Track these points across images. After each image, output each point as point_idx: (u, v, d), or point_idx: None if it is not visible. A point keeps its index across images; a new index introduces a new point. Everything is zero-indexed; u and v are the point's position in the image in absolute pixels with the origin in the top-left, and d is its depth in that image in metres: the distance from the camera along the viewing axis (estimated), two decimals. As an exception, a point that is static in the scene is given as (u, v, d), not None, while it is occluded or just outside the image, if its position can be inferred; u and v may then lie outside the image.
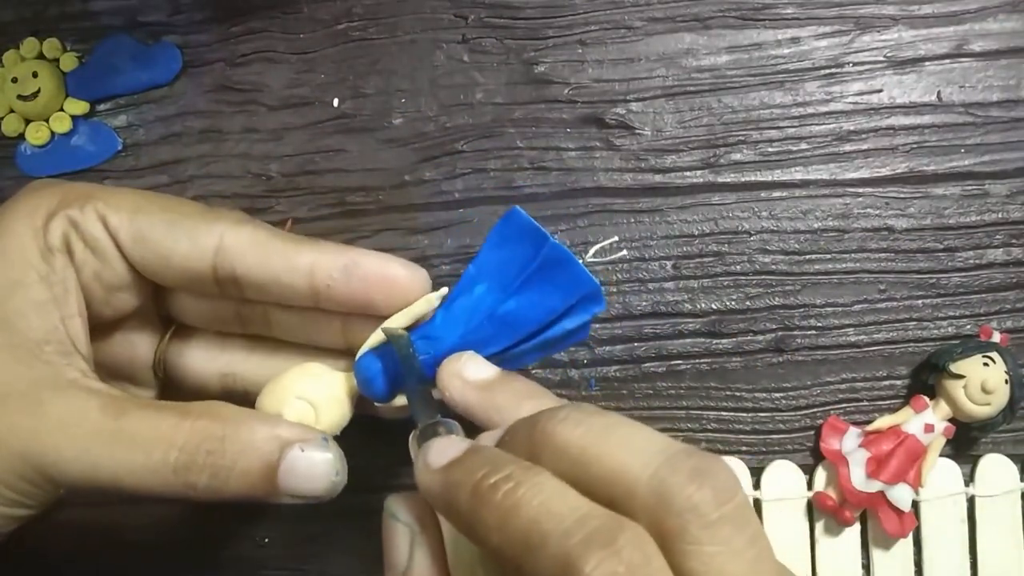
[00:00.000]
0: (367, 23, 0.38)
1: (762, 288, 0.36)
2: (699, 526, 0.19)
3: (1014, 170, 0.36)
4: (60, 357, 0.26)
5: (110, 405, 0.25)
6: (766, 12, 0.37)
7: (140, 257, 0.27)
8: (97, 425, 0.25)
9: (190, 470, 0.25)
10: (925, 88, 0.37)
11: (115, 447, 0.24)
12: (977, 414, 0.34)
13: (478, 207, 0.37)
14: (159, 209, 0.28)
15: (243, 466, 0.25)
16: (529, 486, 0.20)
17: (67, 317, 0.26)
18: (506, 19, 0.37)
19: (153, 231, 0.27)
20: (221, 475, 0.25)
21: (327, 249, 0.27)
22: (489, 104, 0.37)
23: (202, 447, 0.25)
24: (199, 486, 0.25)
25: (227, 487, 0.25)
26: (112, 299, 0.28)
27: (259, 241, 0.27)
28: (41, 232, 0.26)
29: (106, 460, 0.24)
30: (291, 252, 0.27)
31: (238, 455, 0.25)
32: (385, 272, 0.27)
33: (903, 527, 0.34)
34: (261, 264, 0.27)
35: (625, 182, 0.37)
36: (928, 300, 0.36)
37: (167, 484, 0.25)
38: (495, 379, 0.26)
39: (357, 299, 0.27)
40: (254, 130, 0.38)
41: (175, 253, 0.27)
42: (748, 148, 0.37)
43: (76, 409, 0.25)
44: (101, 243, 0.27)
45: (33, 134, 0.38)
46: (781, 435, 0.36)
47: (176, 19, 0.38)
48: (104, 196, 0.27)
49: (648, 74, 0.37)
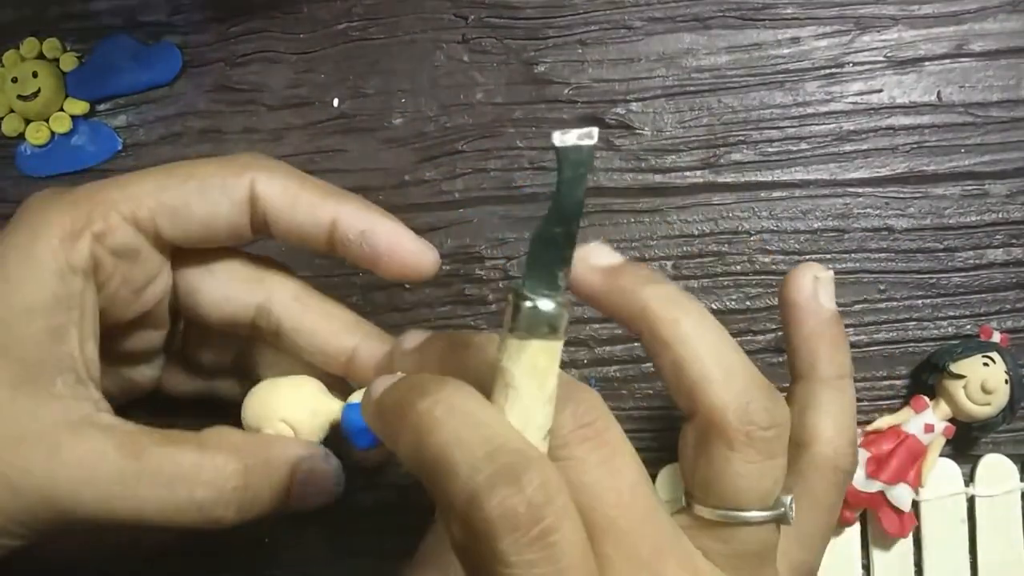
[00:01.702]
0: (367, 23, 0.38)
1: (762, 288, 0.36)
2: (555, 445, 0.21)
3: (1014, 170, 0.36)
4: (72, 390, 0.25)
5: (127, 444, 0.25)
6: (766, 12, 0.37)
7: (182, 231, 0.27)
8: (117, 466, 0.25)
9: (216, 505, 0.25)
10: (925, 88, 0.37)
11: (138, 488, 0.25)
12: (977, 414, 0.34)
13: (478, 207, 0.37)
14: (182, 178, 0.27)
15: (264, 495, 0.26)
16: (445, 407, 0.20)
17: (83, 340, 0.26)
18: (506, 19, 0.37)
19: (188, 201, 0.27)
20: (246, 506, 0.26)
21: (350, 208, 0.28)
22: (489, 104, 0.37)
23: (228, 484, 0.25)
24: (227, 519, 0.26)
25: (250, 515, 0.26)
26: (138, 299, 0.28)
27: (289, 190, 0.28)
28: (61, 252, 0.25)
29: (128, 500, 0.25)
30: (317, 205, 0.28)
31: (259, 485, 0.26)
32: (396, 245, 0.28)
33: (903, 527, 0.34)
34: (288, 214, 0.28)
35: (625, 182, 0.37)
36: (928, 300, 0.36)
37: (192, 519, 0.25)
38: (619, 265, 0.26)
39: (368, 262, 0.28)
40: (254, 130, 0.38)
41: (217, 215, 0.27)
42: (748, 148, 0.37)
43: (93, 451, 0.25)
44: (132, 245, 0.27)
45: (33, 134, 0.38)
46: (781, 435, 0.36)
47: (176, 19, 0.38)
48: (124, 195, 0.26)
49: (648, 74, 0.37)
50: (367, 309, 0.36)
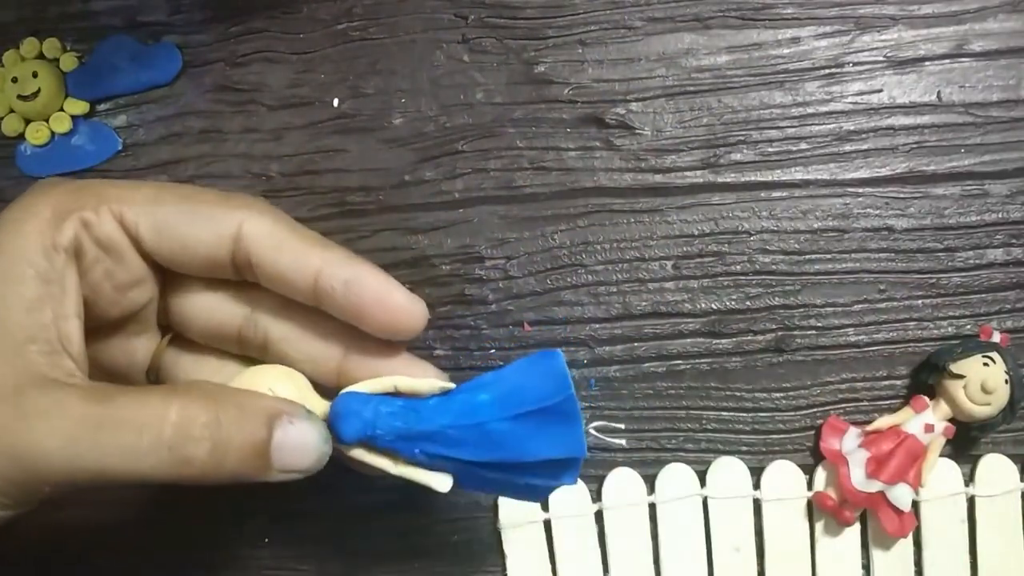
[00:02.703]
0: (367, 23, 0.38)
1: (762, 288, 0.36)
2: None
3: (1014, 170, 0.36)
4: (44, 357, 0.25)
5: (92, 394, 0.25)
6: (766, 12, 0.37)
7: (161, 247, 0.27)
8: (81, 412, 0.24)
9: (186, 444, 0.24)
10: (925, 88, 0.37)
11: (101, 432, 0.24)
12: (977, 414, 0.34)
13: (478, 207, 0.37)
14: (178, 199, 0.28)
15: (239, 440, 0.25)
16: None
17: (60, 317, 0.26)
18: (506, 19, 0.37)
19: (175, 220, 0.27)
20: (219, 449, 0.24)
21: (336, 258, 0.27)
22: (489, 104, 0.37)
23: (197, 420, 0.24)
24: (198, 460, 0.24)
25: (225, 463, 0.25)
26: (122, 298, 0.28)
27: (276, 235, 0.27)
28: (48, 230, 0.26)
29: (92, 447, 0.24)
30: (301, 253, 0.27)
31: (233, 428, 0.25)
32: (383, 297, 0.27)
33: (903, 527, 0.34)
34: (273, 258, 0.27)
35: (625, 182, 0.37)
36: (928, 300, 0.36)
37: (161, 463, 0.24)
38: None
39: (352, 314, 0.28)
40: (254, 130, 0.38)
41: (199, 242, 0.27)
42: (748, 148, 0.37)
43: (56, 402, 0.24)
44: (116, 241, 0.27)
45: (33, 134, 0.38)
46: (781, 435, 0.36)
47: (176, 19, 0.38)
48: (118, 194, 0.27)
49: (648, 74, 0.37)
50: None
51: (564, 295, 0.37)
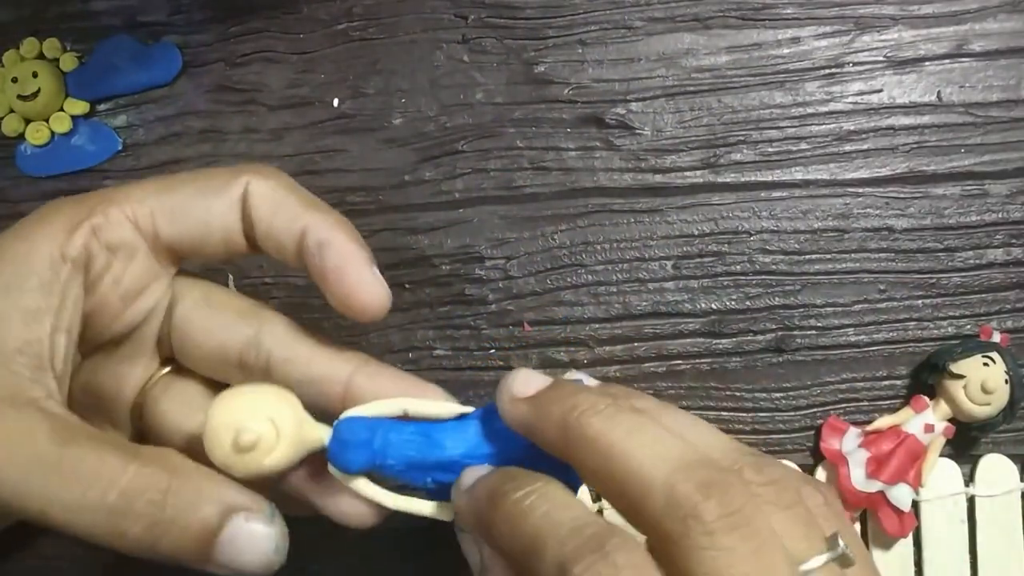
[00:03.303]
0: (367, 23, 0.38)
1: (762, 288, 0.36)
2: (700, 532, 0.20)
3: (1014, 170, 0.36)
4: (30, 371, 0.24)
5: (60, 431, 0.24)
6: (766, 12, 0.37)
7: (180, 231, 0.27)
8: (40, 450, 0.23)
9: (126, 516, 0.23)
10: (925, 88, 0.37)
11: (51, 477, 0.23)
12: (977, 414, 0.34)
13: (478, 207, 0.37)
14: (184, 181, 0.28)
15: (181, 524, 0.23)
16: (538, 495, 0.22)
17: (56, 330, 0.25)
18: (506, 19, 0.37)
19: (188, 202, 0.27)
20: (157, 529, 0.23)
21: (320, 219, 0.27)
22: (489, 104, 0.37)
23: (144, 495, 0.23)
24: (130, 535, 0.23)
25: (160, 544, 0.23)
26: (127, 308, 0.28)
27: (275, 195, 0.27)
28: (57, 240, 0.25)
29: (39, 489, 0.23)
30: (294, 213, 0.27)
31: (179, 512, 0.23)
32: (343, 267, 0.27)
33: (903, 527, 0.34)
34: (268, 218, 0.27)
35: (625, 182, 0.37)
36: (928, 300, 0.36)
37: (95, 526, 0.23)
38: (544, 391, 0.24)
39: (317, 278, 0.27)
40: (254, 130, 0.38)
41: (212, 214, 0.27)
42: (748, 148, 0.37)
43: (25, 430, 0.23)
44: (127, 241, 0.27)
45: (33, 134, 0.38)
46: (781, 435, 0.36)
47: (176, 19, 0.38)
48: (127, 192, 0.27)
49: (648, 74, 0.37)
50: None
51: (564, 295, 0.37)
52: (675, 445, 0.21)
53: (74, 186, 0.38)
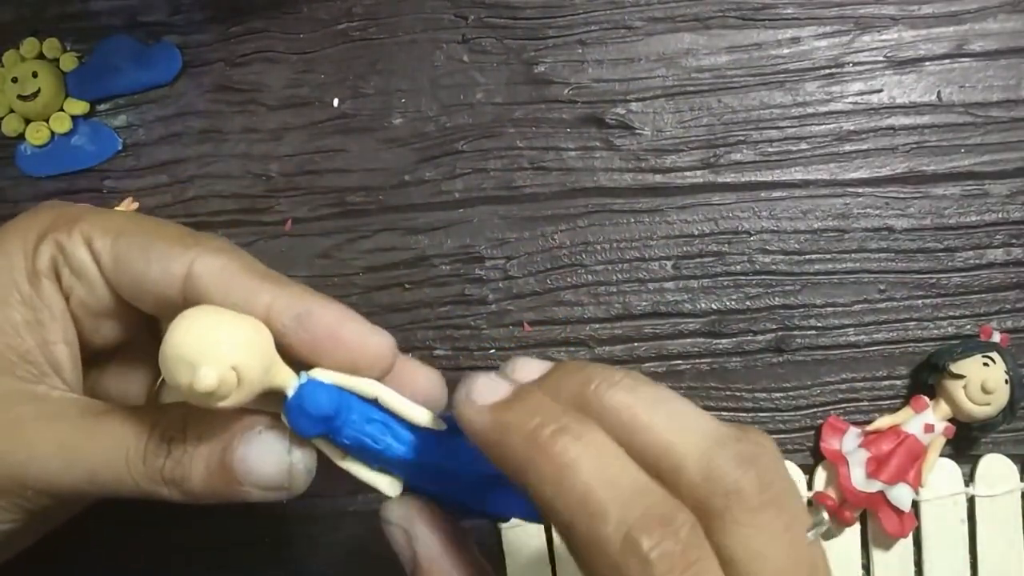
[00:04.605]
0: (367, 23, 0.38)
1: (762, 288, 0.36)
2: (741, 509, 0.20)
3: (1014, 170, 0.36)
4: (31, 384, 0.25)
5: (91, 407, 0.25)
6: (766, 12, 0.37)
7: (118, 280, 0.26)
8: (76, 422, 0.25)
9: (157, 456, 0.24)
10: (925, 88, 0.37)
11: (93, 440, 0.24)
12: (977, 414, 0.34)
13: (478, 207, 0.37)
14: (140, 232, 0.26)
15: (201, 451, 0.24)
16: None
17: (49, 343, 0.25)
18: (506, 19, 0.37)
19: (130, 253, 0.26)
20: (184, 462, 0.24)
21: (287, 293, 0.25)
22: (489, 104, 0.37)
23: (167, 434, 0.25)
24: (164, 474, 0.24)
25: (190, 475, 0.24)
26: (99, 327, 0.27)
27: (226, 274, 0.25)
28: (31, 255, 0.26)
29: (83, 455, 0.24)
30: (250, 290, 0.25)
31: (196, 440, 0.25)
32: (335, 330, 0.25)
33: (903, 527, 0.34)
34: (222, 297, 0.25)
35: (625, 182, 0.37)
36: (928, 300, 0.36)
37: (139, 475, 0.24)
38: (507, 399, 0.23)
39: (307, 351, 0.25)
40: (254, 130, 0.38)
41: (147, 277, 0.26)
42: (748, 148, 0.37)
43: (55, 409, 0.25)
44: (86, 267, 0.26)
45: (33, 134, 0.38)
46: (781, 435, 0.36)
47: (176, 19, 0.38)
48: (92, 219, 0.26)
49: (648, 74, 0.37)
50: (367, 309, 0.36)
51: (564, 295, 0.37)
52: (702, 417, 0.21)
53: (74, 186, 0.38)
